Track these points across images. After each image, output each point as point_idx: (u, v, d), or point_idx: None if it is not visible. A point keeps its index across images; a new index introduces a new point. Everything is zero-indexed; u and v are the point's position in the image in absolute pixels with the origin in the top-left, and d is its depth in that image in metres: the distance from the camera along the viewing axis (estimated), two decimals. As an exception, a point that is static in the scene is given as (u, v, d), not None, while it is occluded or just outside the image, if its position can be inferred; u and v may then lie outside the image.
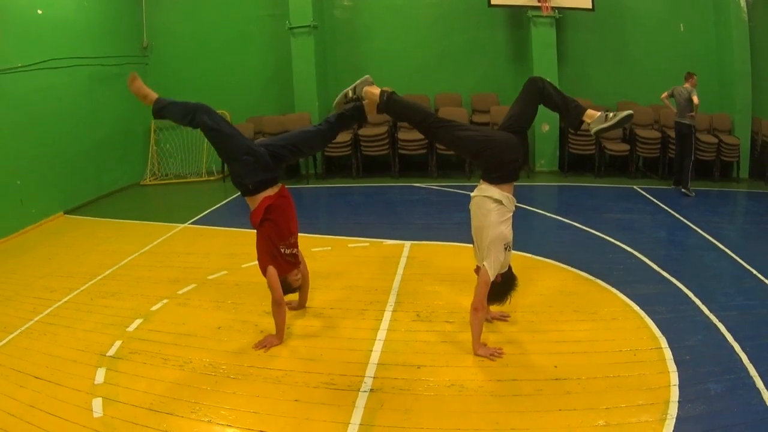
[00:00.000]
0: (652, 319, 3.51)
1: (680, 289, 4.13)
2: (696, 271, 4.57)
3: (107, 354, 3.47)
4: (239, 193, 3.56)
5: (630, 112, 2.90)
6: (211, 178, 8.94)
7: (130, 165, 8.91)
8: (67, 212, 7.38)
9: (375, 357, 3.33)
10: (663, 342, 3.24)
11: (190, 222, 6.43)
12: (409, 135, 7.33)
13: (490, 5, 7.07)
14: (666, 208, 6.47)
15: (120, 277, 4.87)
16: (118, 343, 3.61)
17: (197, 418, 2.81)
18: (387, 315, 3.87)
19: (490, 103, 7.77)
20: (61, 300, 4.39)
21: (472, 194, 3.20)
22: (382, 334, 3.62)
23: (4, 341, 3.72)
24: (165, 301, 4.28)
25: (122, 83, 8.32)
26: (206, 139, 3.59)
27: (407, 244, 5.26)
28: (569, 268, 4.43)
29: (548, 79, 3.18)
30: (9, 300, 4.47)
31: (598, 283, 4.15)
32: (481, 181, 3.15)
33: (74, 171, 7.58)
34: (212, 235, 6.01)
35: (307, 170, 8.36)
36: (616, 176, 7.91)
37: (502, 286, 3.21)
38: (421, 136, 7.04)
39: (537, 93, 3.10)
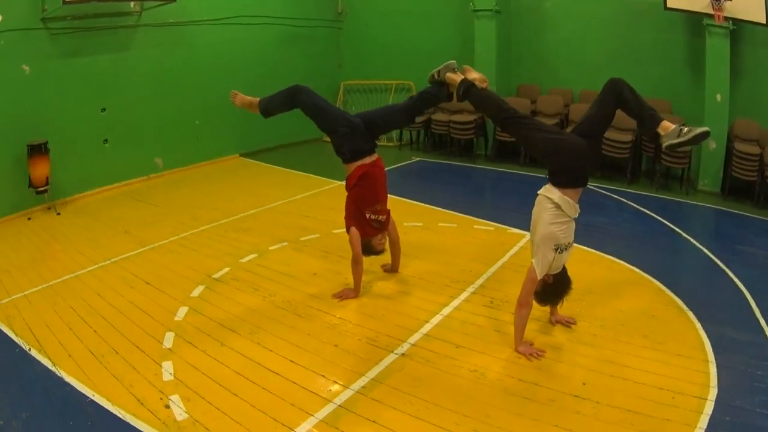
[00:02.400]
0: (718, 367, 3.14)
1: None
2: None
3: (213, 276, 4.48)
4: (407, 161, 4.17)
5: (706, 129, 2.83)
6: (390, 144, 9.83)
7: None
8: (242, 155, 9.16)
9: (426, 328, 3.58)
10: (712, 394, 2.89)
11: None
12: None
13: (666, 8, 6.87)
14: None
15: (259, 218, 6.00)
16: (226, 270, 4.59)
17: (251, 339, 3.50)
18: (463, 295, 4.06)
19: (661, 110, 7.18)
20: (199, 228, 5.71)
21: (538, 191, 3.29)
22: (447, 310, 3.83)
23: (134, 252, 5.09)
24: (284, 243, 5.18)
25: (314, 44, 9.95)
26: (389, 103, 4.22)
27: (527, 235, 5.19)
28: (668, 291, 4.11)
29: (629, 84, 3.17)
30: (158, 222, 5.97)
31: (687, 314, 3.78)
32: (548, 181, 3.24)
33: (255, 119, 9.25)
34: None
35: (478, 151, 8.79)
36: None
37: (554, 287, 3.23)
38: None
39: (614, 96, 3.10)
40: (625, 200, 6.60)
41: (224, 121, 8.76)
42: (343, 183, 4.04)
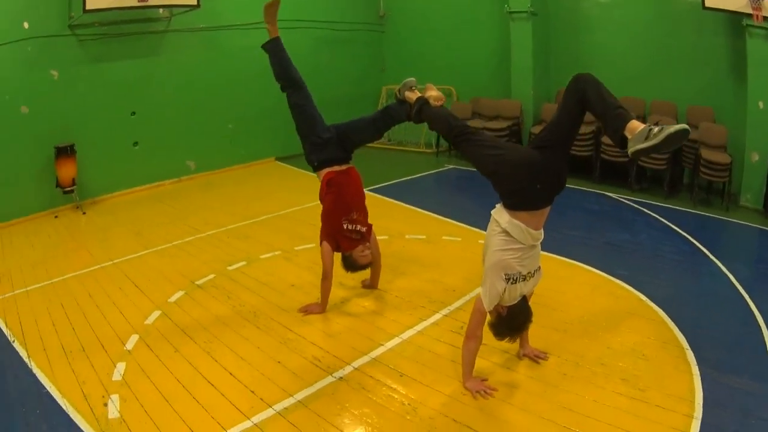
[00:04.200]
0: (701, 426, 2.88)
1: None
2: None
3: (196, 282, 4.92)
4: (439, 169, 4.41)
5: (682, 127, 2.41)
6: (427, 150, 10.10)
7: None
8: (279, 159, 9.74)
9: (378, 351, 3.74)
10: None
11: (371, 188, 7.66)
12: None
13: (704, 7, 6.65)
14: None
15: (265, 224, 6.43)
16: (211, 276, 5.03)
17: (204, 348, 3.86)
18: (435, 318, 4.16)
19: (702, 118, 7.11)
20: (206, 232, 6.23)
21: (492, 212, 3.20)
22: (408, 333, 3.96)
23: (136, 254, 5.67)
24: (277, 252, 5.55)
25: (355, 48, 10.39)
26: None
27: None
28: (672, 325, 3.91)
29: (597, 78, 2.80)
30: (169, 224, 6.56)
31: (687, 355, 3.57)
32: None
33: (292, 122, 9.81)
34: (379, 204, 7.06)
35: None
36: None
37: (508, 320, 3.11)
38: None
39: (577, 97, 2.79)
40: (656, 216, 6.35)
41: (260, 125, 9.38)
42: (365, 190, 4.24)
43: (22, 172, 6.80)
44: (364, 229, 4.16)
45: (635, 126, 2.55)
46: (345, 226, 4.08)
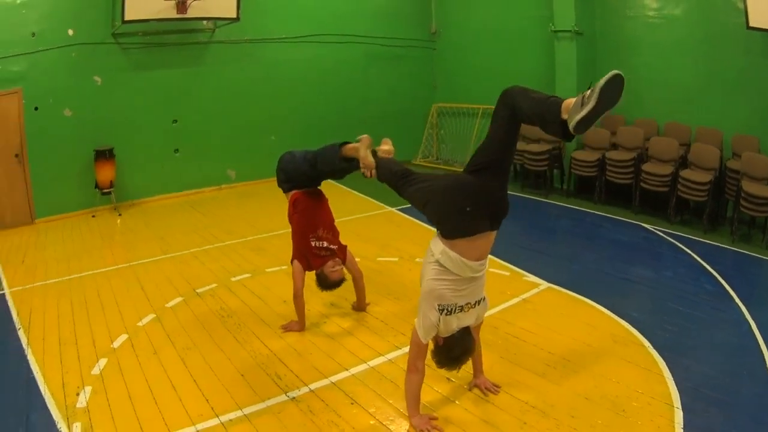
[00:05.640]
0: None
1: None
2: None
3: (197, 290, 5.43)
4: None
5: (614, 73, 2.43)
6: None
7: (403, 143, 11.10)
8: None
9: (340, 376, 3.98)
10: None
11: (398, 208, 7.99)
12: (654, 167, 7.24)
13: (748, 27, 6.47)
14: None
15: (284, 237, 6.77)
16: (213, 285, 5.53)
17: (179, 353, 4.29)
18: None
19: (747, 148, 6.81)
20: (225, 242, 6.80)
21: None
22: (377, 360, 4.17)
23: (153, 258, 6.30)
24: (283, 267, 5.95)
25: (405, 64, 10.82)
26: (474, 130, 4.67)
27: (542, 286, 5.34)
28: (668, 377, 3.79)
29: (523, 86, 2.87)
30: (194, 232, 7.18)
31: (676, 417, 3.39)
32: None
33: (337, 135, 10.28)
34: (401, 224, 7.39)
35: (560, 184, 8.90)
36: None
37: (444, 351, 3.18)
38: (663, 171, 6.91)
39: (509, 112, 2.85)
40: (689, 251, 6.14)
41: (302, 139, 9.80)
42: (394, 209, 4.50)
43: (64, 172, 7.73)
44: (333, 247, 4.49)
45: (569, 102, 2.56)
46: (313, 244, 4.44)
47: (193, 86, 8.74)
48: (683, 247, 6.29)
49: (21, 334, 4.66)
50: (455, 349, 3.18)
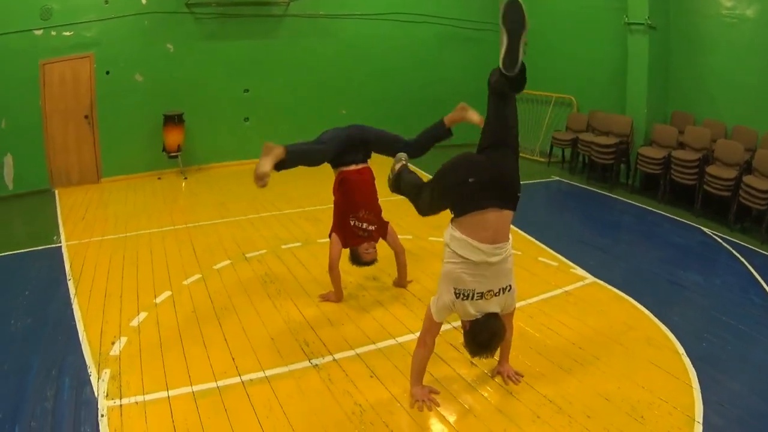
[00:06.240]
0: None
1: None
2: None
3: (246, 254, 5.60)
4: (544, 179, 4.74)
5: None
6: (540, 159, 10.03)
7: (475, 126, 11.01)
8: None
9: (365, 348, 3.97)
10: None
11: None
12: (718, 170, 6.86)
13: None
14: None
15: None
16: (262, 251, 5.69)
17: (218, 312, 4.43)
18: (442, 327, 4.25)
19: None
20: (282, 210, 6.98)
21: None
22: (407, 338, 4.10)
23: (209, 222, 6.54)
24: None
25: (480, 47, 10.58)
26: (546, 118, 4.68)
27: (588, 280, 5.16)
28: (696, 389, 3.52)
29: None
30: (254, 199, 7.30)
31: (696, 414, 3.23)
32: None
33: (408, 115, 10.28)
34: None
35: (626, 180, 8.60)
36: None
37: (471, 336, 3.07)
38: (727, 174, 6.65)
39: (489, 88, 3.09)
40: (744, 260, 5.65)
41: (373, 114, 9.88)
42: None
43: (132, 135, 8.19)
44: (372, 228, 4.46)
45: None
46: (352, 223, 4.44)
47: (266, 58, 8.95)
48: (738, 255, 5.84)
49: (70, 284, 4.98)
50: (481, 334, 3.07)
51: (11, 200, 7.77)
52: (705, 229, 6.67)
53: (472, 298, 3.04)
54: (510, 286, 3.14)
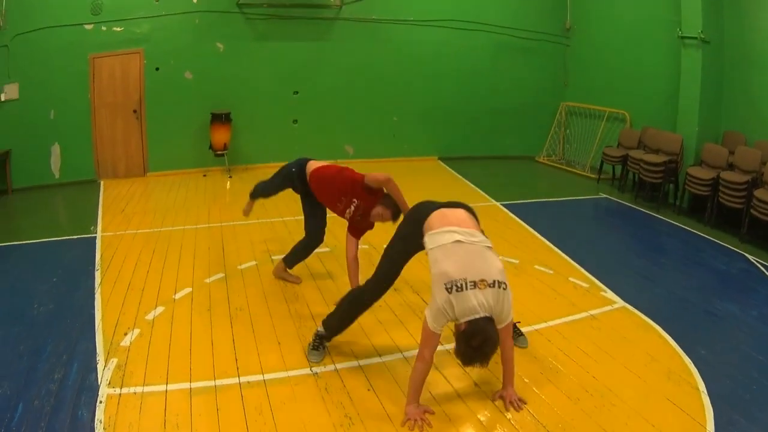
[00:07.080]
0: None
1: None
2: None
3: (273, 256, 5.75)
4: (591, 195, 5.24)
5: None
6: (591, 175, 9.88)
7: (527, 138, 11.08)
8: (441, 158, 10.45)
9: (369, 361, 4.00)
10: None
11: (503, 202, 7.93)
12: (765, 194, 6.62)
13: None
14: None
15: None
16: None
17: (232, 314, 4.58)
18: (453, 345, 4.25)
19: None
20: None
21: None
22: (412, 353, 4.05)
23: (245, 222, 6.62)
24: (365, 247, 6.02)
25: (536, 58, 10.64)
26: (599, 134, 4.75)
27: (617, 304, 5.04)
28: (708, 415, 3.41)
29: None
30: (292, 203, 7.06)
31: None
32: None
33: (457, 125, 10.32)
34: (501, 220, 7.29)
35: (674, 200, 8.40)
36: None
37: (466, 337, 3.04)
38: None
39: None
40: None
41: (425, 122, 10.14)
42: (499, 204, 4.47)
43: (179, 131, 8.59)
44: (357, 201, 4.59)
45: None
46: (346, 214, 4.70)
47: (317, 60, 9.19)
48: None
49: (97, 274, 5.29)
50: (477, 335, 3.03)
51: (57, 188, 8.36)
52: (749, 256, 6.38)
53: (466, 289, 3.06)
54: (502, 282, 3.14)
